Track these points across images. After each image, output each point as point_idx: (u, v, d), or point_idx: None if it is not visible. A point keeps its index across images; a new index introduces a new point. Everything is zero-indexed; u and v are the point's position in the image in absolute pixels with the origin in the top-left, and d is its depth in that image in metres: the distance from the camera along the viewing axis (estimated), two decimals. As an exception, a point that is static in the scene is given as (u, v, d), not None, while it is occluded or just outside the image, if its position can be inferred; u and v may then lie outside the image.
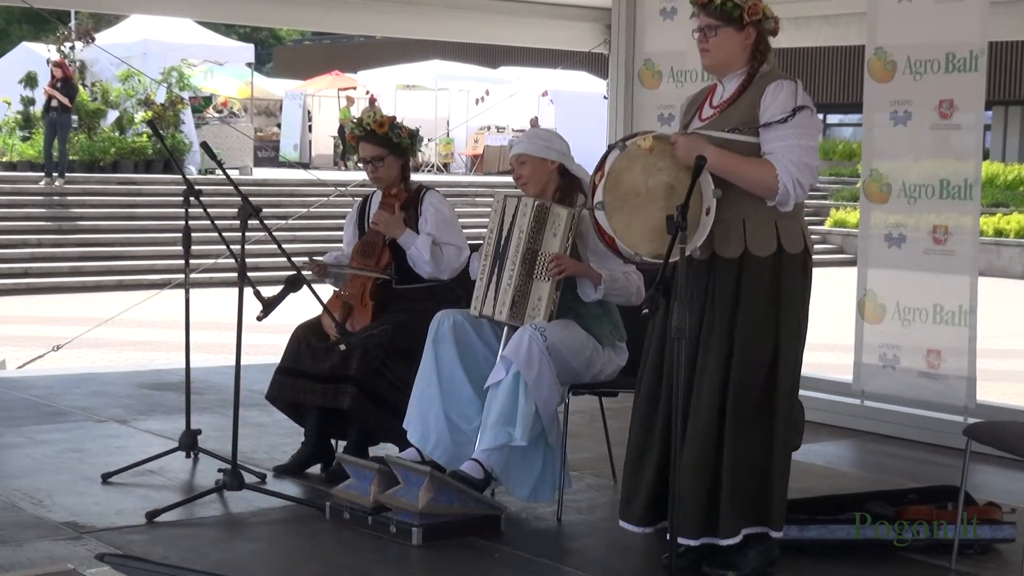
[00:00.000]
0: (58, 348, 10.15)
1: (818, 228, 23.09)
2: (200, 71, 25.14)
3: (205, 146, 5.98)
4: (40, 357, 9.95)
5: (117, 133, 21.99)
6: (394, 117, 5.99)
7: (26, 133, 22.38)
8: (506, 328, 5.15)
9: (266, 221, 5.40)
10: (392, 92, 30.39)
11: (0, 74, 24.82)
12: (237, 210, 5.27)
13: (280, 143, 31.90)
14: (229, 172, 5.81)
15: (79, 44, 22.71)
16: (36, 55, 24.43)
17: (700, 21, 4.55)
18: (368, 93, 30.89)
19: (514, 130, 30.28)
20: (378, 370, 5.66)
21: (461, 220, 6.08)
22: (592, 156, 5.34)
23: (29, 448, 6.31)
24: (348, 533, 5.00)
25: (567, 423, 5.28)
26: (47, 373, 8.98)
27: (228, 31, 33.39)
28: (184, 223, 5.80)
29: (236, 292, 5.24)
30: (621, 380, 5.37)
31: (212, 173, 20.34)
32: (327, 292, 5.85)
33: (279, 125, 33.10)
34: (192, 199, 5.62)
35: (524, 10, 9.15)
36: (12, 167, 21.03)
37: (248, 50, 27.43)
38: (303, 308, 5.78)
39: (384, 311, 5.80)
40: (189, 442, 5.86)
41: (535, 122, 29.75)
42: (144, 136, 21.61)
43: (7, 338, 12.10)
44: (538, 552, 4.86)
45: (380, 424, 5.70)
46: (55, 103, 19.68)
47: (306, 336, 5.85)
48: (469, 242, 5.83)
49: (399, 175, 5.92)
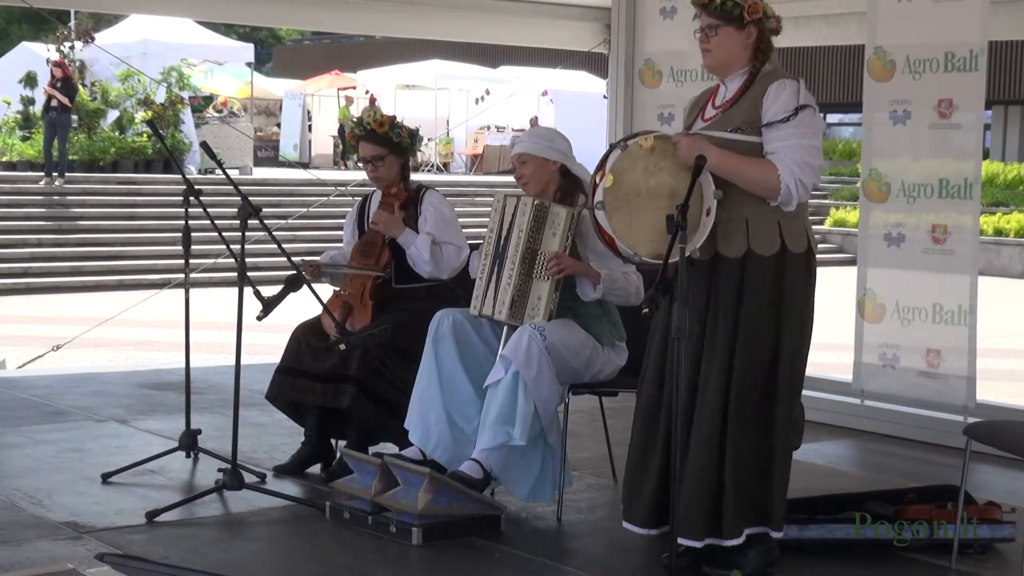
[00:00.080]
0: (58, 348, 10.15)
1: (818, 227, 23.08)
2: (200, 71, 25.14)
3: (205, 146, 5.98)
4: (40, 357, 9.95)
5: (117, 133, 21.99)
6: (394, 117, 5.98)
7: (26, 133, 22.39)
8: (505, 327, 5.14)
9: (266, 221, 5.40)
10: (392, 92, 30.38)
11: (0, 74, 24.81)
12: (237, 210, 5.27)
13: (280, 143, 31.88)
14: (229, 172, 5.81)
15: (79, 44, 22.72)
16: (36, 55, 24.43)
17: (701, 21, 4.54)
18: (368, 93, 30.88)
19: (514, 130, 30.27)
20: (378, 370, 5.66)
21: (461, 220, 6.08)
22: (592, 156, 5.34)
23: (29, 448, 6.31)
24: (348, 533, 5.00)
25: (567, 423, 5.27)
26: (47, 373, 8.98)
27: (228, 31, 33.38)
28: (184, 223, 5.80)
29: (236, 292, 5.24)
30: (621, 380, 5.37)
31: (212, 173, 20.34)
32: (327, 292, 5.85)
33: (279, 125, 33.09)
34: (192, 199, 5.62)
35: (524, 10, 9.15)
36: (12, 167, 21.03)
37: (248, 50, 27.43)
38: (303, 308, 5.78)
39: (384, 311, 5.80)
40: (189, 442, 5.86)
41: (535, 122, 29.72)
42: (144, 136, 21.61)
43: (7, 338, 12.10)
44: (538, 552, 4.86)
45: (380, 424, 5.70)
46: (55, 103, 19.68)
47: (306, 336, 5.85)
48: (469, 242, 5.82)
49: (399, 174, 5.92)
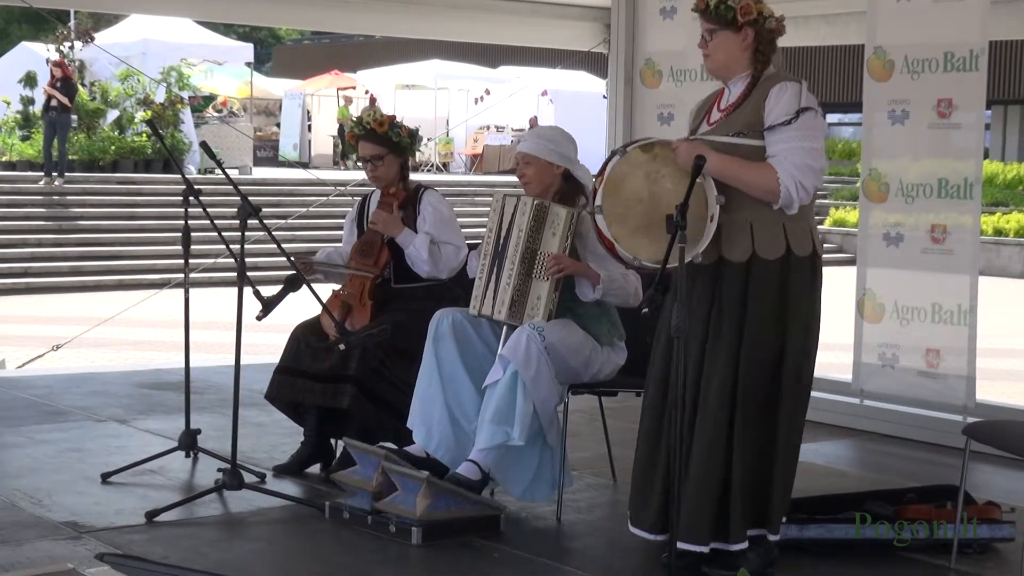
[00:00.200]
0: (58, 348, 10.15)
1: (818, 227, 23.03)
2: (199, 71, 25.14)
3: (204, 146, 5.98)
4: (40, 357, 9.95)
5: (116, 133, 21.99)
6: (393, 116, 5.98)
7: (25, 133, 22.39)
8: (505, 327, 5.14)
9: (265, 221, 5.40)
10: (391, 92, 30.37)
11: (0, 74, 24.81)
12: (236, 210, 5.27)
13: (279, 143, 31.88)
14: (228, 172, 5.81)
15: (78, 44, 22.72)
16: (35, 55, 24.44)
17: (701, 26, 4.56)
18: (368, 93, 30.88)
19: (514, 130, 30.26)
20: (377, 370, 5.66)
21: (460, 220, 6.07)
22: (592, 156, 5.34)
23: (29, 448, 6.31)
24: (348, 533, 5.00)
25: (567, 422, 5.27)
26: (47, 373, 8.97)
27: (227, 31, 33.36)
28: (184, 223, 5.80)
29: (235, 292, 5.24)
30: (621, 380, 5.37)
31: (211, 173, 20.34)
32: (326, 292, 5.85)
33: (278, 125, 33.08)
34: (191, 199, 5.62)
35: (524, 9, 9.15)
36: (12, 167, 21.03)
37: (247, 49, 27.43)
38: (302, 308, 5.78)
39: (383, 310, 5.80)
40: (189, 442, 5.86)
41: (534, 122, 29.70)
42: (143, 136, 21.62)
43: (7, 338, 12.10)
44: (538, 552, 4.86)
45: (379, 423, 5.69)
46: (55, 103, 19.68)
47: (305, 336, 5.85)
48: (468, 242, 5.82)
49: (398, 174, 5.92)
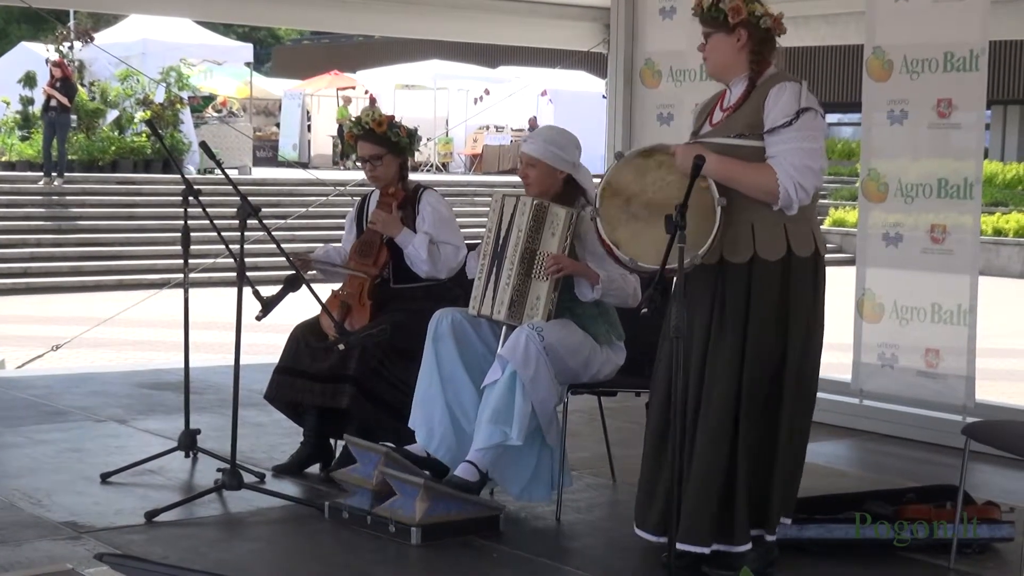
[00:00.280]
0: (57, 348, 10.14)
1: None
2: (199, 71, 25.14)
3: (204, 146, 5.98)
4: (39, 357, 9.95)
5: (116, 133, 21.99)
6: (392, 116, 5.98)
7: (25, 133, 22.40)
8: (504, 327, 5.14)
9: (265, 221, 5.40)
10: (391, 92, 30.37)
11: (-1, 74, 24.87)
12: (236, 210, 5.27)
13: (279, 143, 31.89)
14: (228, 172, 5.81)
15: (78, 44, 22.72)
16: (35, 55, 24.43)
17: (701, 31, 4.57)
18: (367, 93, 30.88)
19: (513, 130, 30.26)
20: (376, 370, 5.66)
21: (460, 220, 6.07)
22: (591, 156, 5.35)
23: (28, 448, 6.31)
24: (347, 533, 5.00)
25: (566, 422, 5.27)
26: (46, 373, 8.97)
27: (227, 31, 33.37)
28: (183, 223, 5.80)
29: (235, 292, 5.24)
30: (620, 380, 5.37)
31: (211, 173, 20.35)
32: (326, 292, 5.85)
33: (278, 125, 33.09)
34: (191, 199, 5.62)
35: (523, 9, 9.15)
36: (11, 167, 21.03)
37: (247, 50, 27.44)
38: (302, 308, 5.78)
39: (382, 311, 5.80)
40: (188, 442, 5.86)
41: (533, 122, 29.72)
42: (143, 136, 21.62)
43: (6, 338, 12.10)
44: (537, 552, 4.86)
45: (379, 424, 5.69)
46: (54, 103, 19.68)
47: (305, 336, 5.85)
48: (467, 242, 5.82)
49: (397, 174, 5.92)
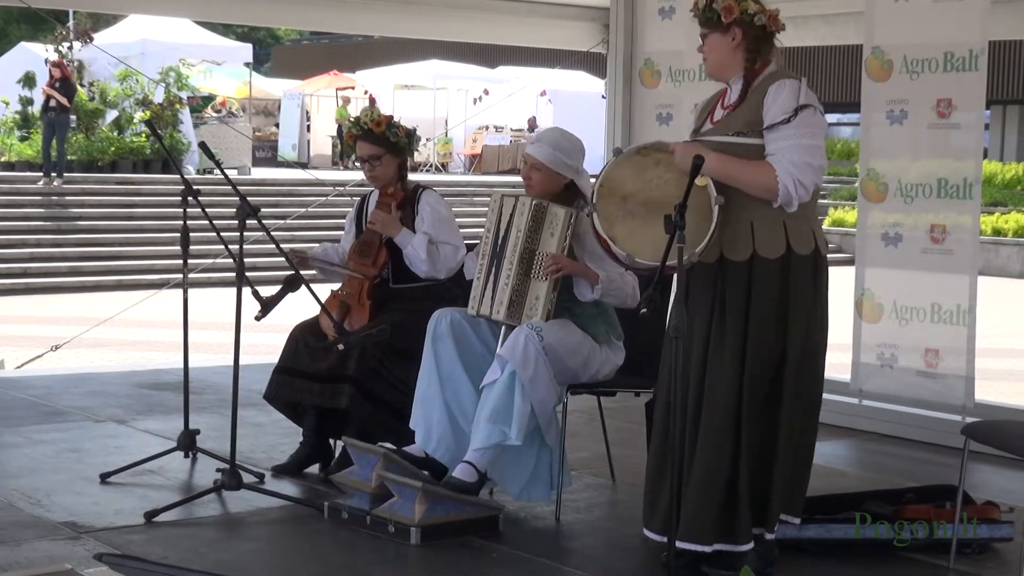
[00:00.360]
0: (57, 348, 10.14)
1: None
2: (198, 71, 25.13)
3: (203, 146, 5.98)
4: (39, 357, 9.94)
5: (115, 133, 21.98)
6: (391, 116, 5.98)
7: (24, 133, 22.39)
8: (503, 327, 5.14)
9: (264, 221, 5.40)
10: (390, 92, 30.35)
11: (-2, 74, 24.86)
12: (235, 210, 5.27)
13: (278, 143, 31.88)
14: (227, 172, 5.81)
15: (77, 44, 22.71)
16: (34, 55, 24.43)
17: (699, 31, 4.58)
18: (367, 93, 30.87)
19: (512, 130, 30.25)
20: (376, 370, 5.66)
21: (459, 220, 6.07)
22: (591, 156, 5.36)
23: (28, 448, 6.31)
24: (346, 533, 5.00)
25: (565, 422, 5.27)
26: (46, 373, 8.97)
27: (226, 31, 33.37)
28: (182, 223, 5.80)
29: (234, 292, 5.25)
30: (619, 380, 5.37)
31: (210, 173, 20.34)
32: (325, 292, 5.85)
33: (277, 125, 33.08)
34: (190, 199, 5.62)
35: (522, 10, 9.15)
36: (11, 167, 21.02)
37: (246, 50, 27.43)
38: (301, 308, 5.78)
39: (381, 311, 5.80)
40: (187, 442, 5.86)
41: (533, 122, 29.71)
42: (142, 136, 21.61)
43: (6, 338, 12.09)
44: (537, 551, 4.86)
45: (378, 424, 5.69)
46: (53, 103, 19.67)
47: (304, 336, 5.85)
48: (467, 242, 5.82)
49: (396, 174, 5.91)
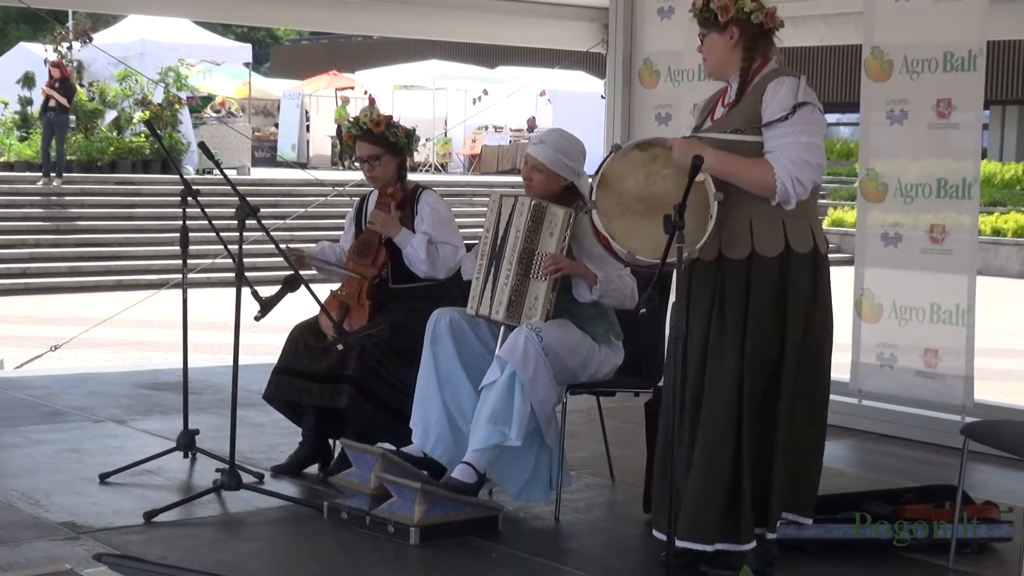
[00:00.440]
0: (56, 348, 10.14)
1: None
2: (197, 71, 25.13)
3: (203, 146, 5.98)
4: (38, 357, 9.94)
5: (115, 133, 21.98)
6: (390, 116, 5.98)
7: (24, 133, 22.39)
8: (503, 328, 5.14)
9: (264, 221, 5.40)
10: (390, 92, 30.34)
11: (-3, 74, 24.85)
12: (235, 210, 5.27)
13: (278, 143, 31.87)
14: (227, 172, 5.81)
15: (76, 44, 22.72)
16: (34, 55, 24.44)
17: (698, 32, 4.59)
18: (366, 93, 30.87)
19: (512, 130, 30.24)
20: (375, 370, 5.66)
21: (458, 220, 6.07)
22: (590, 156, 5.35)
23: (27, 448, 6.31)
24: (346, 533, 5.00)
25: (565, 423, 5.27)
26: (45, 373, 8.97)
27: (225, 31, 33.37)
28: (182, 223, 5.80)
29: (234, 292, 5.25)
30: (619, 380, 5.37)
31: (210, 173, 20.33)
32: (325, 292, 5.85)
33: (277, 125, 33.07)
34: (190, 199, 5.62)
35: (522, 10, 9.16)
36: (10, 167, 21.00)
37: (245, 50, 27.43)
38: (301, 308, 5.78)
39: (381, 311, 5.80)
40: (187, 442, 5.86)
41: (532, 122, 29.71)
42: (142, 136, 21.60)
43: (5, 338, 12.09)
44: (536, 552, 4.86)
45: (377, 424, 5.69)
46: (53, 103, 19.66)
47: (303, 336, 5.85)
48: (466, 242, 5.83)
49: (395, 174, 5.91)
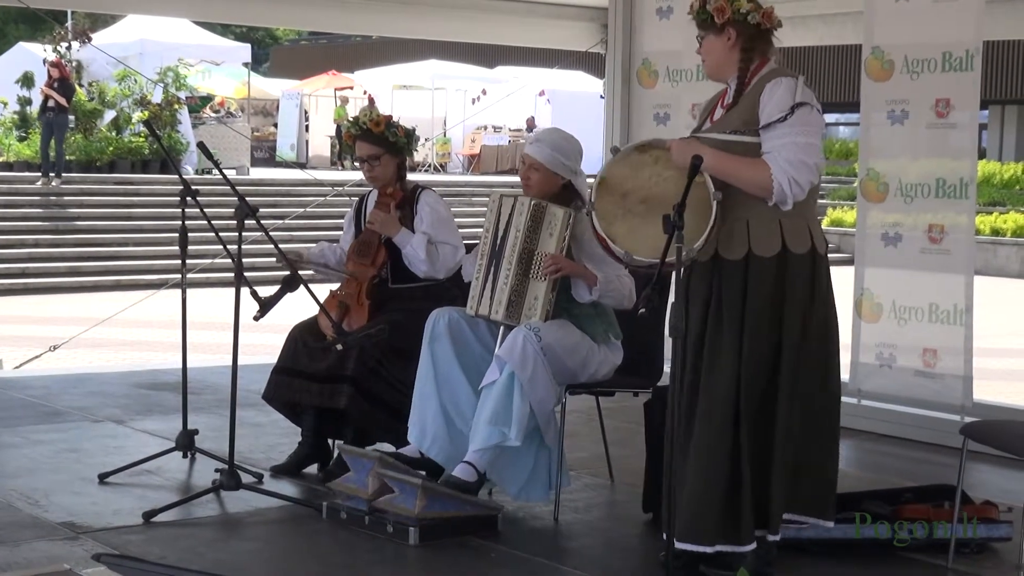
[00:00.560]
0: (55, 348, 10.13)
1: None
2: (197, 71, 25.13)
3: (202, 146, 5.98)
4: (37, 357, 9.94)
5: (114, 133, 21.98)
6: (390, 116, 5.98)
7: (23, 133, 22.38)
8: (502, 327, 5.14)
9: (263, 221, 5.40)
10: (389, 92, 30.34)
11: (-4, 74, 24.84)
12: (234, 210, 5.27)
13: (277, 143, 31.87)
14: (226, 172, 5.81)
15: (76, 44, 22.71)
16: (33, 55, 24.43)
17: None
18: (366, 93, 30.87)
19: (511, 130, 30.23)
20: (374, 370, 5.66)
21: (458, 220, 6.07)
22: (589, 156, 5.35)
23: (26, 448, 6.30)
24: (345, 533, 5.00)
25: (564, 423, 5.27)
26: (44, 373, 8.97)
27: (224, 31, 33.37)
28: (181, 223, 5.79)
29: (233, 292, 5.25)
30: (618, 380, 5.37)
31: (209, 173, 20.34)
32: (324, 292, 5.85)
33: (276, 125, 33.07)
34: (189, 199, 5.61)
35: (521, 9, 9.16)
36: (9, 167, 21.00)
37: (245, 50, 27.43)
38: (300, 308, 5.78)
39: (380, 311, 5.80)
40: (186, 442, 5.85)
41: (531, 122, 29.70)
42: (141, 136, 21.60)
43: (4, 338, 12.08)
44: (535, 551, 4.85)
45: (377, 424, 5.70)
46: (52, 103, 19.65)
47: (303, 336, 5.85)
48: (465, 242, 5.83)
49: (395, 174, 5.91)
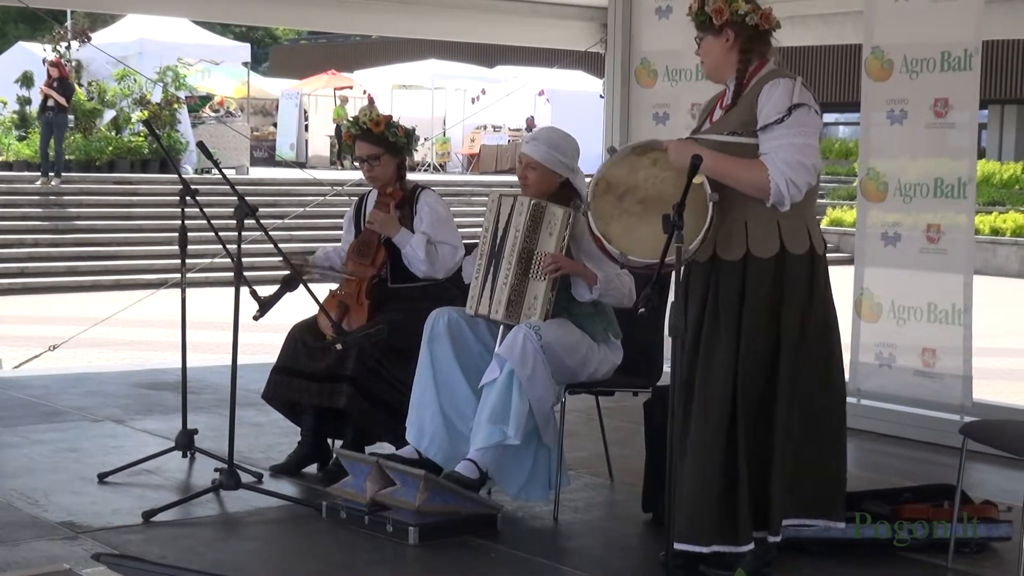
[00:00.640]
0: (54, 348, 10.13)
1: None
2: (196, 70, 25.13)
3: (201, 145, 5.98)
4: (36, 357, 9.93)
5: (113, 133, 21.98)
6: (390, 116, 5.98)
7: (22, 133, 22.39)
8: (502, 327, 5.14)
9: (262, 221, 5.40)
10: (388, 91, 30.34)
11: (-4, 74, 24.84)
12: (233, 209, 5.27)
13: (276, 142, 31.87)
14: (225, 171, 5.81)
15: (75, 43, 22.72)
16: (32, 55, 24.45)
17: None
18: (365, 92, 30.87)
19: (511, 129, 30.23)
20: (374, 369, 5.66)
21: (457, 220, 6.07)
22: (588, 155, 5.35)
23: (25, 448, 6.30)
24: (345, 532, 5.00)
25: (564, 422, 5.27)
26: (43, 373, 8.97)
27: (224, 31, 33.36)
28: (180, 223, 5.79)
29: (232, 292, 5.24)
30: (618, 379, 5.36)
31: (208, 173, 20.34)
32: (324, 292, 5.85)
33: (275, 124, 33.08)
34: (188, 199, 5.62)
35: (520, 9, 9.16)
36: (8, 167, 21.01)
37: (244, 49, 27.43)
38: (299, 307, 5.78)
39: (380, 310, 5.80)
40: (185, 442, 5.86)
41: (531, 121, 29.70)
42: (140, 136, 21.60)
43: (3, 338, 12.08)
44: (535, 551, 4.86)
45: (376, 423, 5.70)
46: (51, 103, 19.65)
47: (302, 335, 5.85)
48: (465, 242, 5.83)
49: (395, 174, 5.91)
